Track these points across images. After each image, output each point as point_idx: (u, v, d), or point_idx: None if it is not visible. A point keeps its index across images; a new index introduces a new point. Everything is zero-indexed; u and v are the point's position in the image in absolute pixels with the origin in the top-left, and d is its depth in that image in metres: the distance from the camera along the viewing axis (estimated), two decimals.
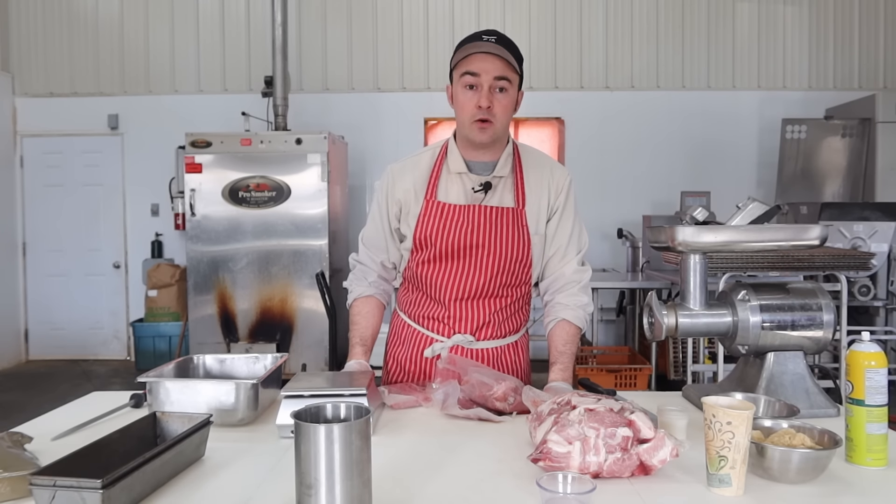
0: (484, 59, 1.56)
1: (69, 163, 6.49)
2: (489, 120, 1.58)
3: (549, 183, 1.71)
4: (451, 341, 1.69)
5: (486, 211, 1.65)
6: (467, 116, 1.60)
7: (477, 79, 1.56)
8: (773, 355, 1.51)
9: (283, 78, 5.51)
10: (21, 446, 1.18)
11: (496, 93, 1.57)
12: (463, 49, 1.60)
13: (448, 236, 1.64)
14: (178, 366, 1.55)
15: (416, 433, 1.38)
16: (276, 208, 5.22)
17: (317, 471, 0.91)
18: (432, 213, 1.65)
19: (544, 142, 6.41)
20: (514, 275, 1.67)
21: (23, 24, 6.49)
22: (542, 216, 1.69)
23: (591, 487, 0.96)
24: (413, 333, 1.76)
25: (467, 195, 1.66)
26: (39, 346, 6.59)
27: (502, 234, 1.64)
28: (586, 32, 6.37)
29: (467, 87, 1.58)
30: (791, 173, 5.86)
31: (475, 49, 1.56)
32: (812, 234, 1.49)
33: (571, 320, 1.68)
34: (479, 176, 1.66)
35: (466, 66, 1.57)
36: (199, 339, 5.31)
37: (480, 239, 1.63)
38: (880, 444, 1.19)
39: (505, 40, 1.59)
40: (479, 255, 1.64)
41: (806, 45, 6.36)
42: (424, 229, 1.65)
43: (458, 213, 1.64)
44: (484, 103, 1.56)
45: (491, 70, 1.55)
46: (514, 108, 1.63)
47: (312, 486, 0.92)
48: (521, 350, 1.81)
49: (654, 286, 4.76)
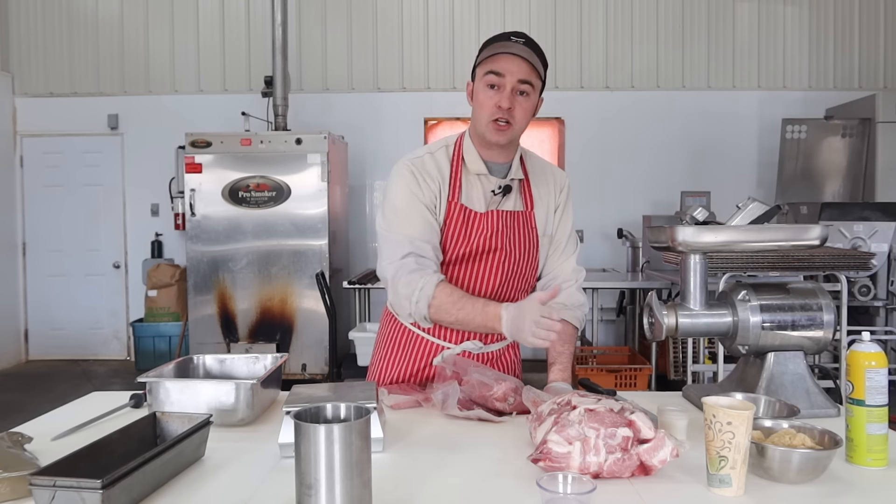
0: (510, 60, 1.53)
1: (69, 163, 6.49)
2: (508, 121, 1.56)
3: (553, 185, 1.74)
4: (459, 347, 1.67)
5: (505, 216, 1.64)
6: (486, 115, 1.57)
7: (501, 79, 1.54)
8: (773, 355, 1.51)
9: (283, 78, 5.51)
10: (21, 446, 1.18)
11: (518, 95, 1.55)
12: (490, 48, 1.57)
13: (469, 241, 1.62)
14: (178, 366, 1.55)
15: (416, 433, 1.38)
16: (276, 208, 5.22)
17: (317, 471, 0.91)
18: (456, 217, 1.62)
19: (544, 142, 6.41)
20: (525, 277, 1.69)
21: (23, 24, 6.49)
22: (551, 218, 1.72)
23: (592, 488, 0.96)
24: (414, 340, 1.70)
25: (486, 197, 1.65)
26: (39, 346, 6.59)
27: (515, 238, 1.65)
28: (586, 32, 6.38)
29: (489, 86, 1.55)
30: (791, 173, 5.86)
31: (502, 49, 1.53)
32: (812, 234, 1.49)
33: (570, 321, 1.68)
34: (498, 178, 1.65)
35: (491, 66, 1.55)
36: (199, 339, 5.31)
37: (497, 243, 1.63)
38: (880, 445, 1.18)
39: (533, 44, 1.57)
40: (494, 258, 1.63)
41: (806, 45, 6.36)
42: (448, 233, 1.62)
43: (480, 218, 1.63)
44: (505, 104, 1.54)
45: (516, 72, 1.53)
46: (533, 114, 1.62)
47: (312, 486, 0.91)
48: (517, 348, 1.82)
49: (655, 286, 4.76)
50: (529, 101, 1.57)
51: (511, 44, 1.54)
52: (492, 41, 1.59)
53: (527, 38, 1.57)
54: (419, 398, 1.56)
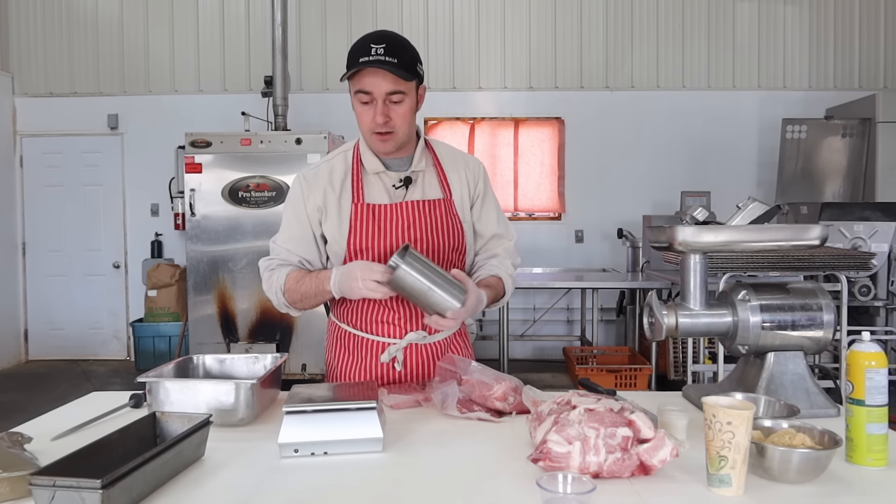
0: (374, 74, 1.51)
1: (69, 163, 6.49)
2: (389, 131, 1.57)
3: (467, 172, 1.75)
4: (404, 341, 1.67)
5: (419, 205, 1.65)
6: (366, 129, 1.60)
7: (369, 96, 1.54)
8: (773, 355, 1.51)
9: (283, 78, 5.51)
10: (21, 446, 1.18)
11: (391, 105, 1.55)
12: (353, 60, 1.53)
13: (385, 237, 1.62)
14: (178, 366, 1.55)
15: (416, 433, 1.38)
16: (276, 208, 5.21)
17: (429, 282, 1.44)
18: (364, 217, 1.62)
19: (544, 142, 6.40)
20: (453, 263, 1.69)
21: (23, 24, 6.49)
22: (466, 204, 1.73)
23: (591, 487, 0.96)
24: (359, 342, 1.70)
25: (389, 193, 1.66)
26: (39, 346, 6.59)
27: (436, 226, 1.66)
28: (586, 32, 6.37)
29: (361, 102, 1.57)
30: (791, 173, 5.86)
31: (363, 64, 1.50)
32: (812, 234, 1.49)
33: (504, 279, 1.71)
34: (398, 173, 1.67)
35: (358, 84, 1.54)
36: (198, 339, 5.30)
37: (417, 234, 1.63)
38: (880, 445, 1.18)
39: (395, 47, 1.52)
40: (418, 249, 1.62)
41: (806, 45, 6.36)
42: (360, 234, 1.62)
43: (390, 212, 1.63)
44: (379, 119, 1.55)
45: (382, 85, 1.52)
46: (417, 107, 1.63)
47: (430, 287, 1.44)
48: (464, 335, 1.83)
49: (655, 286, 4.75)
50: (405, 104, 1.57)
51: (374, 59, 1.50)
52: (354, 50, 1.54)
53: (388, 42, 1.52)
54: (419, 398, 1.56)
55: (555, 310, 6.31)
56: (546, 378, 5.53)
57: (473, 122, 6.38)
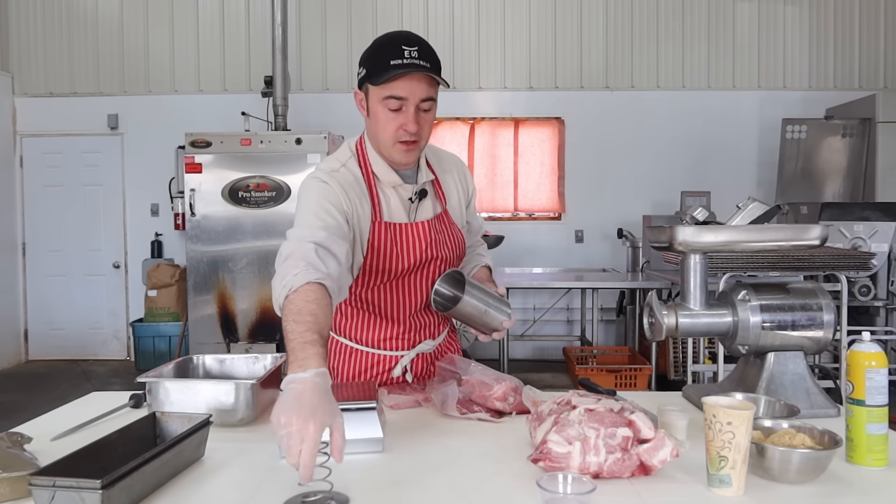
0: (410, 80, 1.41)
1: (69, 163, 6.49)
2: (415, 140, 1.48)
3: (458, 173, 1.72)
4: (414, 351, 1.66)
5: (430, 224, 1.60)
6: (390, 137, 1.47)
7: (401, 102, 1.43)
8: (773, 355, 1.51)
9: (283, 78, 5.50)
10: (21, 446, 1.18)
11: (421, 113, 1.46)
12: (384, 65, 1.41)
13: (402, 258, 1.55)
14: (178, 366, 1.55)
15: (416, 433, 1.38)
16: (276, 208, 5.21)
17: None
18: (383, 236, 1.53)
19: (544, 142, 6.40)
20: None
21: (23, 24, 6.49)
22: (462, 205, 1.72)
23: (591, 488, 0.96)
24: (365, 357, 1.66)
25: (405, 207, 1.58)
26: (39, 346, 6.58)
27: (445, 240, 1.62)
28: (586, 32, 6.37)
29: (391, 109, 1.45)
30: (791, 173, 5.86)
31: (400, 68, 1.39)
32: (812, 234, 1.49)
33: (490, 266, 1.80)
34: (411, 185, 1.58)
35: (392, 90, 1.42)
36: (198, 339, 5.30)
37: (433, 252, 1.59)
38: (881, 445, 1.18)
39: (427, 49, 1.44)
40: (433, 266, 1.61)
41: (806, 45, 6.36)
42: (379, 254, 1.53)
43: (409, 230, 1.56)
44: (412, 128, 1.45)
45: (418, 92, 1.43)
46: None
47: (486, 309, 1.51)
48: (454, 334, 1.85)
49: (655, 286, 4.75)
50: (433, 111, 1.50)
51: (409, 62, 1.39)
52: (384, 53, 1.42)
53: (420, 45, 1.43)
54: (419, 398, 1.56)
55: (555, 310, 6.31)
56: (546, 378, 5.53)
57: (473, 122, 6.38)
